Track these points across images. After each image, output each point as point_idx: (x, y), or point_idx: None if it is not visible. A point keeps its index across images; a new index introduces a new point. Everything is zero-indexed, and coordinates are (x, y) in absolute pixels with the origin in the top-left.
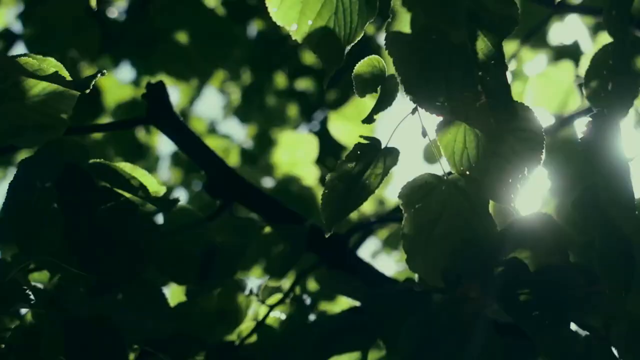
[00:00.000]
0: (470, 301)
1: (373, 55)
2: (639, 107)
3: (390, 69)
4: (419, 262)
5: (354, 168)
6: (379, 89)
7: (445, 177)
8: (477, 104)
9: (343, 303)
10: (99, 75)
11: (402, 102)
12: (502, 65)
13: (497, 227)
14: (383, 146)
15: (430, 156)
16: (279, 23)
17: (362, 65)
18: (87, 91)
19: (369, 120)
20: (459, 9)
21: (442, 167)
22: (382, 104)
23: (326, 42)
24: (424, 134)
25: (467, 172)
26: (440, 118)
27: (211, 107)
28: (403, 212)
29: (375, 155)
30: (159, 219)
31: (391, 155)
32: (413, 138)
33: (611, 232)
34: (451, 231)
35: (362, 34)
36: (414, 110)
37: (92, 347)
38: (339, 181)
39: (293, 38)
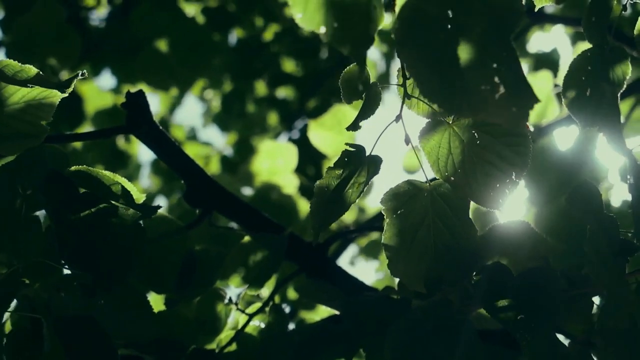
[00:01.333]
0: (453, 306)
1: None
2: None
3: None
4: (401, 268)
5: (341, 175)
6: (364, 96)
7: (427, 184)
8: (496, 96)
9: (323, 312)
10: (79, 76)
11: (382, 110)
12: (515, 55)
13: (478, 233)
14: (367, 154)
15: (410, 165)
16: (305, 27)
17: (349, 72)
18: (67, 94)
19: (354, 127)
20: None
21: (424, 174)
22: (367, 111)
23: (353, 37)
24: (407, 141)
25: (452, 178)
26: (424, 124)
27: (192, 114)
28: (385, 218)
29: (360, 163)
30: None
31: (374, 163)
32: (390, 147)
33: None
34: (433, 237)
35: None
36: (398, 118)
37: (83, 346)
38: (327, 189)
39: (324, 40)
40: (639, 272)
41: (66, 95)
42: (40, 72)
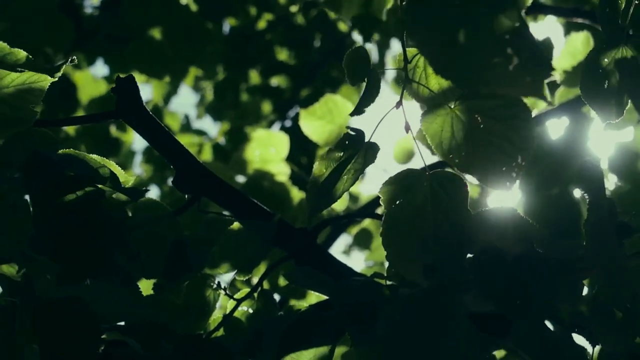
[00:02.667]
0: (446, 290)
1: (360, 46)
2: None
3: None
4: (399, 256)
5: (340, 159)
6: (365, 80)
7: (427, 173)
8: (510, 67)
9: (313, 300)
10: (69, 62)
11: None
12: (526, 24)
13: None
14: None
15: (400, 156)
16: None
17: (351, 55)
18: (57, 79)
19: (358, 112)
20: None
21: (423, 162)
22: (370, 95)
23: None
24: (407, 128)
25: (457, 160)
26: (424, 109)
27: (186, 105)
28: (383, 207)
29: (358, 149)
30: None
31: (372, 150)
32: (382, 137)
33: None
34: (432, 227)
35: None
36: (398, 104)
37: (65, 328)
38: (325, 169)
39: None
40: (638, 255)
41: (56, 79)
42: (30, 56)
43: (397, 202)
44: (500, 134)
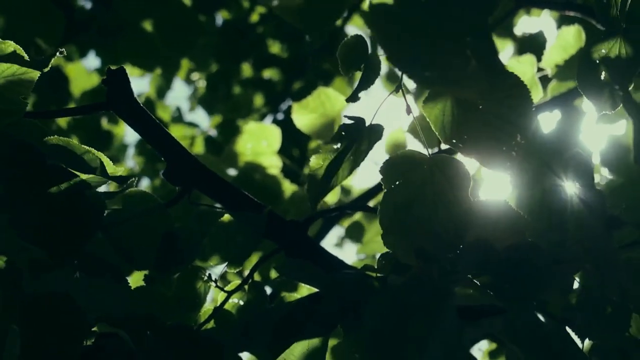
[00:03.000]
0: (434, 282)
1: (357, 34)
2: None
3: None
4: (394, 238)
5: (338, 149)
6: (362, 67)
7: (428, 156)
8: (468, 69)
9: (304, 292)
10: (57, 54)
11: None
12: (489, 31)
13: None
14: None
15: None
16: None
17: (347, 44)
18: (46, 70)
19: (353, 98)
20: None
21: (424, 146)
22: (366, 82)
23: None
24: (408, 111)
25: (460, 145)
26: (427, 93)
27: (178, 98)
28: (383, 187)
29: (359, 133)
30: (117, 204)
31: (376, 131)
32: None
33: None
34: (430, 211)
35: None
36: (398, 88)
37: (52, 322)
38: (323, 160)
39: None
40: (628, 247)
41: (45, 71)
42: (17, 49)
43: (397, 183)
44: (499, 114)
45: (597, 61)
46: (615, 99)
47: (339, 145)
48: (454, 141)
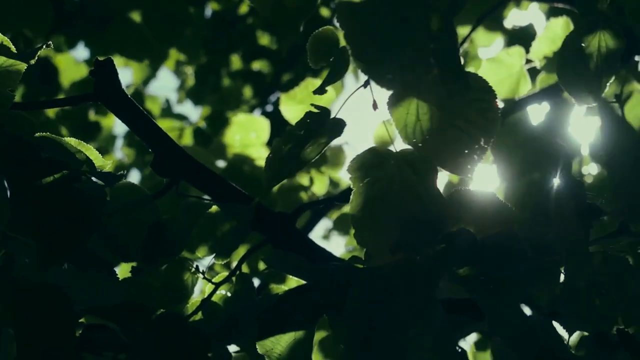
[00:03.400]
0: (417, 273)
1: (327, 26)
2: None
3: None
4: (367, 236)
5: (300, 134)
6: (331, 60)
7: (395, 151)
8: (429, 76)
9: (293, 284)
10: (44, 47)
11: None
12: (453, 38)
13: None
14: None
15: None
16: None
17: (317, 36)
18: (32, 62)
19: (320, 91)
20: None
21: (391, 140)
22: (334, 75)
23: None
24: (375, 106)
25: (420, 145)
26: (392, 91)
27: (167, 89)
28: (352, 185)
29: (322, 125)
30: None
31: (337, 126)
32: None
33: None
34: (400, 205)
35: None
36: (366, 84)
37: (42, 313)
38: (284, 145)
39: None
40: (604, 239)
41: (34, 63)
42: (4, 40)
43: (365, 181)
44: (465, 117)
45: (578, 54)
46: (595, 91)
47: (302, 131)
48: (414, 141)
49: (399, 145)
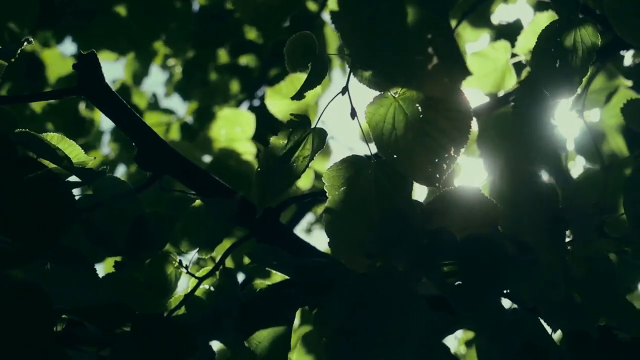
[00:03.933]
0: (399, 273)
1: (305, 31)
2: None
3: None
4: (340, 244)
5: (285, 145)
6: (309, 65)
7: (372, 160)
8: (430, 66)
9: (278, 278)
10: (25, 43)
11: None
12: (449, 27)
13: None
14: (312, 126)
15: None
16: None
17: (294, 41)
18: (13, 59)
19: (298, 96)
20: None
21: (369, 149)
22: (313, 81)
23: None
24: (353, 114)
25: (395, 156)
26: (370, 99)
27: (154, 84)
28: (327, 194)
29: (304, 134)
30: (88, 189)
31: (319, 136)
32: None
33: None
34: (376, 214)
35: None
36: (344, 90)
37: (20, 312)
38: (272, 160)
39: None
40: (579, 241)
41: (21, 58)
42: None
43: (341, 189)
44: (437, 125)
45: (553, 48)
46: (571, 86)
47: (286, 141)
48: (389, 151)
49: (369, 147)
